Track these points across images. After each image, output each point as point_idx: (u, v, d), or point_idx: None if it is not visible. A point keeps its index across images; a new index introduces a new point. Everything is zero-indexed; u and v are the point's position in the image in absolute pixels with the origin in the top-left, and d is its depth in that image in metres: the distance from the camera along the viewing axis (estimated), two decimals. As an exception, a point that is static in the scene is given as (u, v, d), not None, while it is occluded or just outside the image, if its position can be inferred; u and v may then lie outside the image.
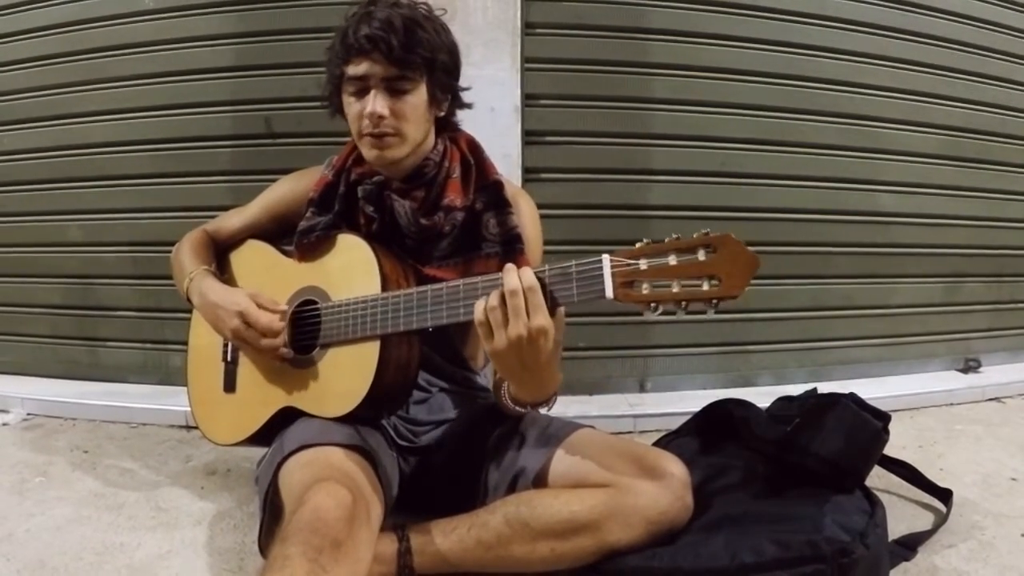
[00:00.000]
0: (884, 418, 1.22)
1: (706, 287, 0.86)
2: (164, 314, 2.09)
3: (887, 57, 2.16)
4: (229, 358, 1.28)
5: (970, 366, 2.31)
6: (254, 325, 1.14)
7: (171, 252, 1.36)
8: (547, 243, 1.32)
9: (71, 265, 2.18)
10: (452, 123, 1.26)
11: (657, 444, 1.38)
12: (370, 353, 1.08)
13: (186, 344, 1.39)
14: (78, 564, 1.16)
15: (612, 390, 2.06)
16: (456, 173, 1.21)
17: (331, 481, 0.94)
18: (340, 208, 1.21)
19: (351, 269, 1.14)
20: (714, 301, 0.86)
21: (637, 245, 0.90)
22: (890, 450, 1.31)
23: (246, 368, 1.25)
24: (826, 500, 1.10)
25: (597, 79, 1.98)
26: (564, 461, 1.11)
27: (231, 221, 1.36)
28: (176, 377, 1.98)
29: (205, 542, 1.25)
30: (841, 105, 2.13)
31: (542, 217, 1.29)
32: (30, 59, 2.18)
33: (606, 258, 0.90)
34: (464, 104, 1.25)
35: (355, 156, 1.22)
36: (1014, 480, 1.51)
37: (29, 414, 1.99)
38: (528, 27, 1.91)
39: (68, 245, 2.18)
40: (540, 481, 1.10)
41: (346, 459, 1.03)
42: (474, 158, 1.23)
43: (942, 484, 1.38)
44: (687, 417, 1.46)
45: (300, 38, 1.96)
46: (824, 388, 1.45)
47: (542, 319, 0.92)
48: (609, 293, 0.90)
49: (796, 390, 1.49)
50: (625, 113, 2.00)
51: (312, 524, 0.87)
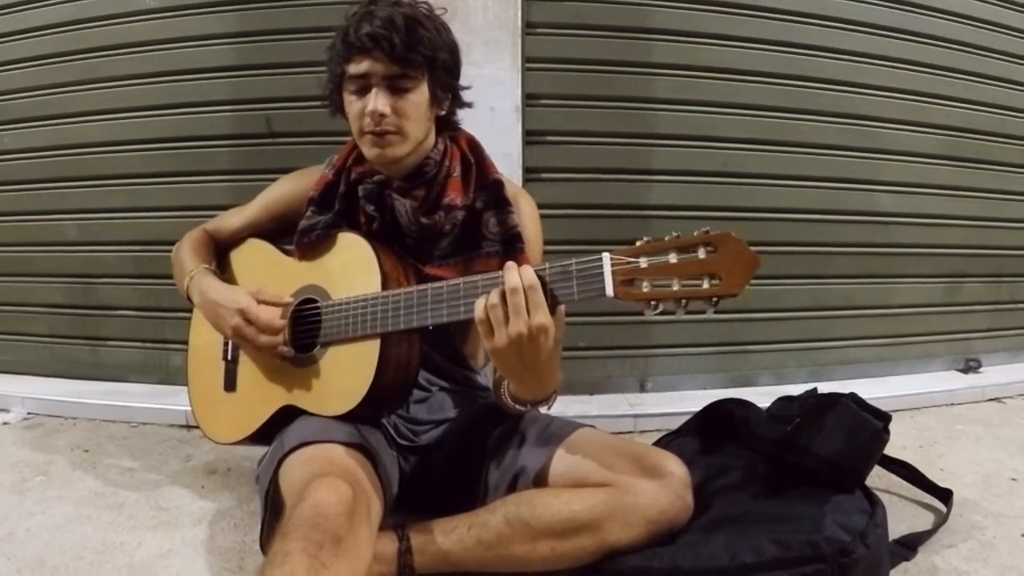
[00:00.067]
0: (884, 418, 1.21)
1: (706, 285, 0.86)
2: (164, 313, 2.09)
3: (887, 57, 2.16)
4: (229, 357, 1.28)
5: (970, 366, 2.31)
6: (255, 322, 1.14)
7: (171, 251, 1.36)
8: (548, 243, 1.32)
9: (71, 264, 2.18)
10: (452, 122, 1.26)
11: (657, 444, 1.38)
12: (370, 352, 1.08)
13: (186, 343, 1.39)
14: (78, 563, 1.16)
15: (612, 390, 2.06)
16: (456, 172, 1.21)
17: (332, 476, 0.94)
18: (340, 207, 1.21)
19: (351, 268, 1.14)
20: (714, 299, 0.86)
21: (637, 243, 0.90)
22: (890, 450, 1.31)
23: (246, 367, 1.25)
24: (826, 500, 1.09)
25: (598, 79, 1.97)
26: (564, 461, 1.11)
27: (231, 220, 1.36)
28: (176, 376, 1.98)
29: (205, 541, 1.25)
30: (841, 105, 2.13)
31: (543, 217, 1.29)
32: (29, 58, 2.17)
33: (606, 256, 0.90)
34: (464, 103, 1.25)
35: (355, 155, 1.22)
36: (1014, 480, 1.51)
37: (29, 413, 1.98)
38: (529, 26, 1.91)
39: (68, 244, 2.18)
40: (540, 480, 1.10)
41: (347, 456, 1.03)
42: (474, 157, 1.23)
43: (942, 484, 1.38)
44: (687, 417, 1.46)
45: (300, 37, 1.95)
46: (824, 388, 1.44)
47: (542, 317, 0.92)
48: (609, 291, 0.90)
49: (796, 390, 1.48)
50: (626, 113, 1.99)
51: (312, 519, 0.87)
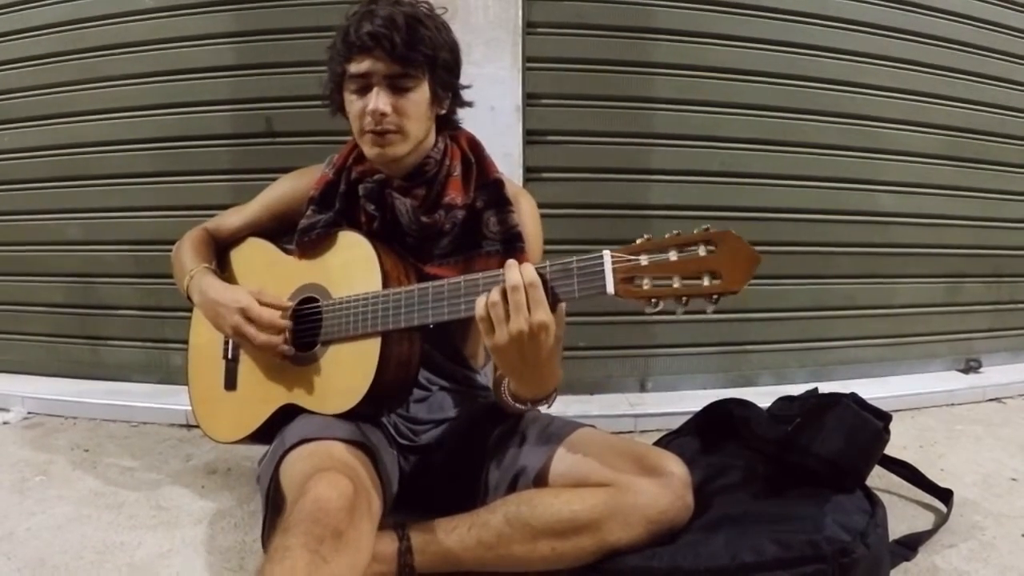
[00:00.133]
0: (885, 418, 1.21)
1: (707, 283, 0.86)
2: (165, 313, 2.09)
3: (888, 57, 2.16)
4: (230, 356, 1.28)
5: (971, 366, 2.31)
6: (257, 321, 1.14)
7: (171, 251, 1.36)
8: (548, 243, 1.32)
9: (72, 264, 2.18)
10: (453, 121, 1.26)
11: (658, 444, 1.38)
12: (371, 350, 1.08)
13: (187, 343, 1.39)
14: (79, 563, 1.16)
15: (613, 389, 2.05)
16: (457, 171, 1.21)
17: (332, 471, 0.94)
18: (341, 206, 1.21)
19: (352, 266, 1.14)
20: (714, 297, 0.86)
21: (638, 241, 0.90)
22: (891, 450, 1.31)
23: (247, 366, 1.25)
24: (827, 500, 1.09)
25: (598, 79, 1.97)
26: (565, 460, 1.10)
27: (231, 219, 1.36)
28: (177, 376, 1.98)
29: (206, 541, 1.25)
30: (842, 105, 2.13)
31: (543, 217, 1.29)
32: (28, 58, 2.17)
33: (607, 254, 0.90)
34: (465, 102, 1.25)
35: (356, 154, 1.22)
36: (1014, 480, 1.51)
37: (30, 413, 1.98)
38: (529, 26, 1.91)
39: (69, 244, 2.18)
40: (541, 480, 1.10)
41: (347, 453, 1.03)
42: (475, 156, 1.23)
43: (943, 484, 1.38)
44: (688, 417, 1.45)
45: (300, 37, 1.95)
46: (825, 388, 1.44)
47: (543, 314, 0.92)
48: (610, 289, 0.90)
49: (797, 390, 1.48)
50: (626, 113, 1.99)
51: (313, 514, 0.87)
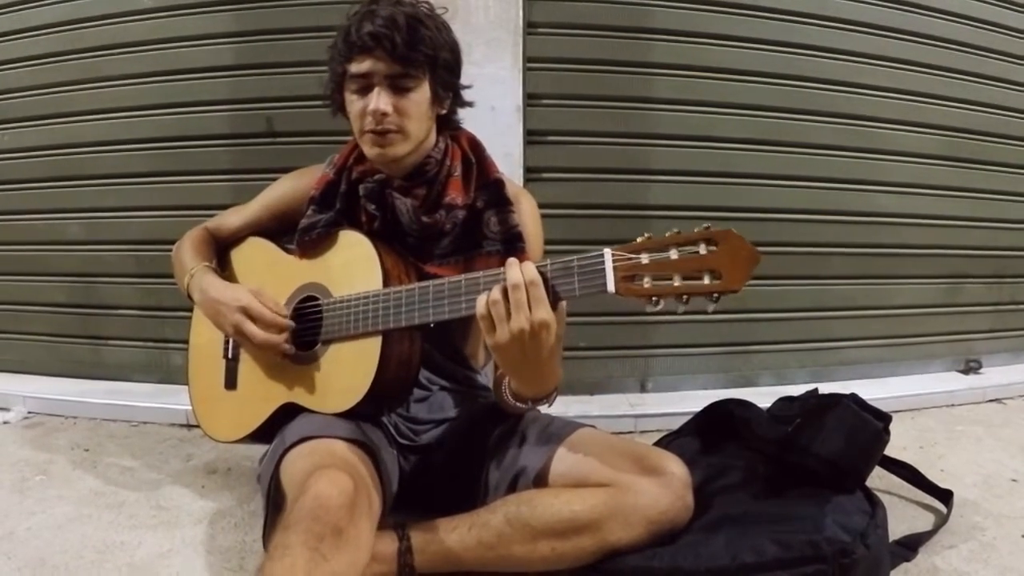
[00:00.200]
0: (885, 419, 1.21)
1: (707, 281, 0.86)
2: (165, 313, 2.09)
3: (886, 57, 2.16)
4: (230, 355, 1.28)
5: (971, 367, 2.31)
6: (259, 319, 1.14)
7: (172, 251, 1.36)
8: (548, 243, 1.32)
9: (72, 264, 2.18)
10: (453, 121, 1.26)
11: (658, 444, 1.38)
12: (372, 349, 1.08)
13: (187, 343, 1.39)
14: (79, 562, 1.16)
15: (613, 390, 2.05)
16: (457, 171, 1.21)
17: (333, 468, 0.94)
18: (341, 206, 1.21)
19: (353, 266, 1.14)
20: (715, 295, 0.86)
21: (638, 239, 0.90)
22: (891, 451, 1.31)
23: (247, 365, 1.25)
24: (827, 500, 1.09)
25: (599, 79, 1.97)
26: (565, 460, 1.10)
27: (232, 219, 1.36)
28: (177, 376, 1.98)
29: (206, 541, 1.25)
30: (840, 105, 2.12)
31: (543, 217, 1.30)
32: (27, 58, 2.17)
33: (608, 252, 0.90)
34: (465, 102, 1.25)
35: (356, 154, 1.22)
36: (1015, 481, 1.51)
37: (30, 412, 1.98)
38: (530, 26, 1.91)
39: (69, 244, 2.18)
40: (541, 480, 1.10)
41: (348, 451, 1.03)
42: (475, 156, 1.23)
43: (943, 485, 1.38)
44: (688, 417, 1.45)
45: (301, 37, 1.95)
46: (825, 388, 1.44)
47: (544, 313, 0.92)
48: (611, 287, 0.90)
49: (797, 390, 1.48)
50: (627, 113, 1.99)
51: (314, 512, 0.87)
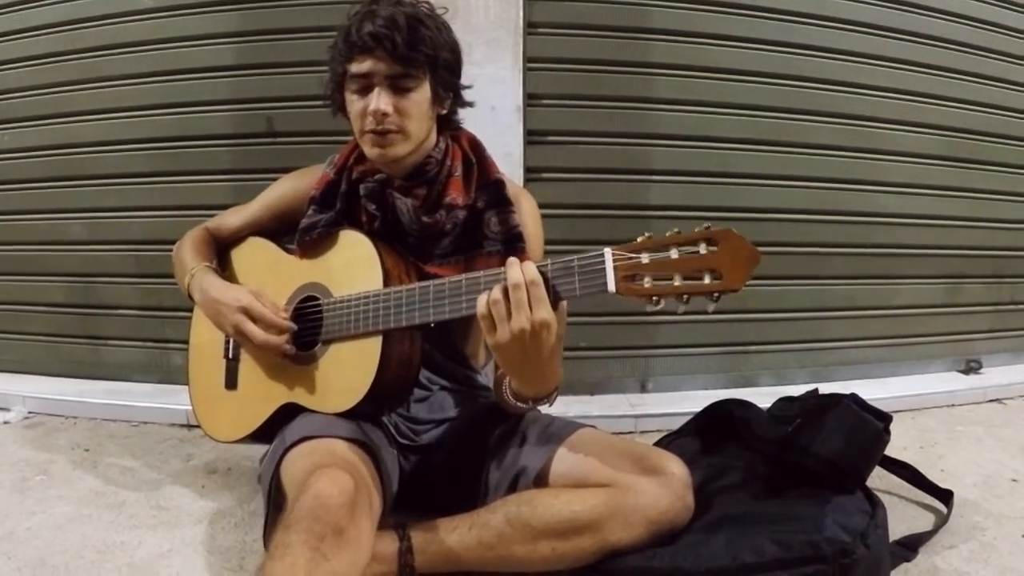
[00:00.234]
0: (885, 419, 1.21)
1: (708, 281, 0.86)
2: (165, 313, 2.09)
3: (885, 57, 2.16)
4: (230, 355, 1.28)
5: (971, 367, 2.31)
6: (260, 319, 1.14)
7: (172, 251, 1.36)
8: (548, 243, 1.32)
9: (72, 263, 2.18)
10: (454, 121, 1.26)
11: (658, 444, 1.38)
12: (372, 349, 1.08)
13: (187, 343, 1.39)
14: (79, 562, 1.16)
15: (613, 390, 2.05)
16: (458, 171, 1.21)
17: (334, 468, 0.94)
18: (342, 206, 1.21)
19: (353, 265, 1.14)
20: (715, 295, 0.86)
21: (639, 239, 0.90)
22: (891, 451, 1.31)
23: (247, 365, 1.25)
24: (827, 500, 1.10)
25: (599, 79, 1.97)
26: (565, 460, 1.10)
27: (232, 219, 1.36)
28: (177, 376, 1.98)
29: (206, 541, 1.25)
30: (840, 105, 2.12)
31: (544, 217, 1.30)
32: (27, 58, 2.17)
33: (608, 252, 0.91)
34: (466, 102, 1.25)
35: (357, 154, 1.22)
36: (1015, 481, 1.51)
37: (30, 412, 1.98)
38: (530, 26, 1.91)
39: (69, 244, 2.18)
40: (541, 480, 1.10)
41: (348, 450, 1.03)
42: (476, 157, 1.23)
43: (943, 485, 1.38)
44: (688, 417, 1.45)
45: (301, 37, 1.95)
46: (825, 389, 1.44)
47: (545, 312, 0.92)
48: (611, 286, 0.90)
49: (797, 391, 1.48)
50: (627, 113, 1.99)
51: (314, 511, 0.87)
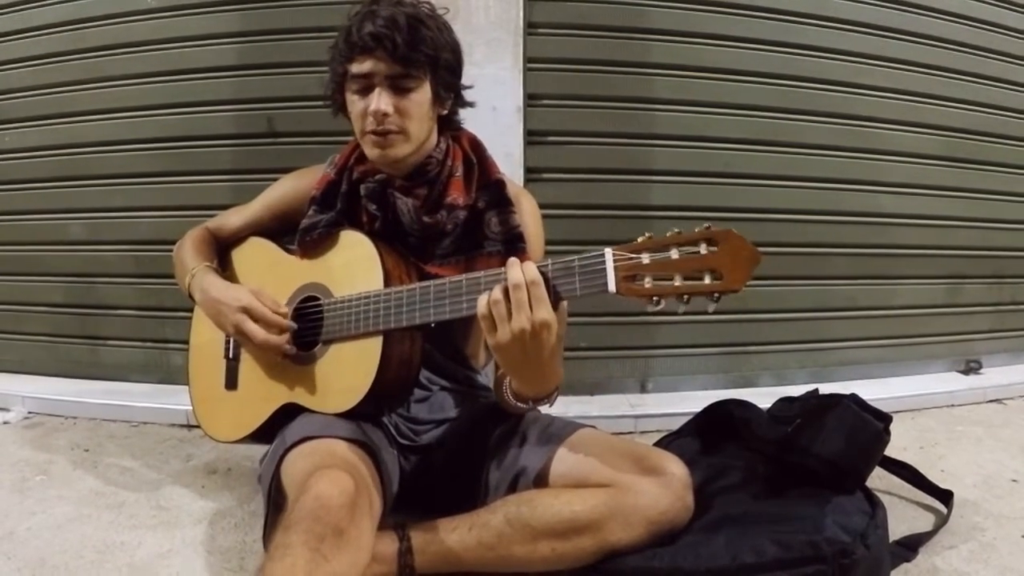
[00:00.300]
0: (885, 419, 1.21)
1: (708, 281, 0.86)
2: (165, 313, 2.09)
3: (884, 57, 2.16)
4: (231, 355, 1.28)
5: (971, 367, 2.31)
6: (260, 319, 1.14)
7: (172, 251, 1.36)
8: (549, 243, 1.32)
9: (72, 264, 2.18)
10: (454, 122, 1.26)
11: (658, 444, 1.38)
12: (373, 349, 1.08)
13: (187, 343, 1.39)
14: (79, 562, 1.16)
15: (613, 390, 2.05)
16: (459, 172, 1.21)
17: (334, 469, 0.94)
18: (343, 206, 1.21)
19: (354, 266, 1.14)
20: (716, 295, 0.86)
21: (639, 239, 0.90)
22: (891, 451, 1.31)
23: (248, 365, 1.25)
24: (827, 501, 1.10)
25: (599, 79, 1.97)
26: (565, 461, 1.10)
27: (233, 219, 1.36)
28: (177, 376, 1.98)
29: (206, 541, 1.25)
30: (840, 105, 2.12)
31: (544, 217, 1.30)
32: (29, 58, 2.17)
33: (608, 252, 0.91)
34: (466, 103, 1.25)
35: (357, 154, 1.22)
36: (1015, 481, 1.51)
37: (30, 412, 1.98)
38: (530, 27, 1.91)
39: (69, 244, 2.18)
40: (541, 481, 1.10)
41: (348, 451, 1.03)
42: (476, 157, 1.23)
43: (943, 485, 1.38)
44: (688, 417, 1.46)
45: (302, 37, 1.95)
46: (825, 389, 1.44)
47: (545, 313, 0.92)
48: (611, 287, 0.90)
49: (797, 391, 1.48)
50: (627, 113, 1.99)
51: (314, 512, 0.87)
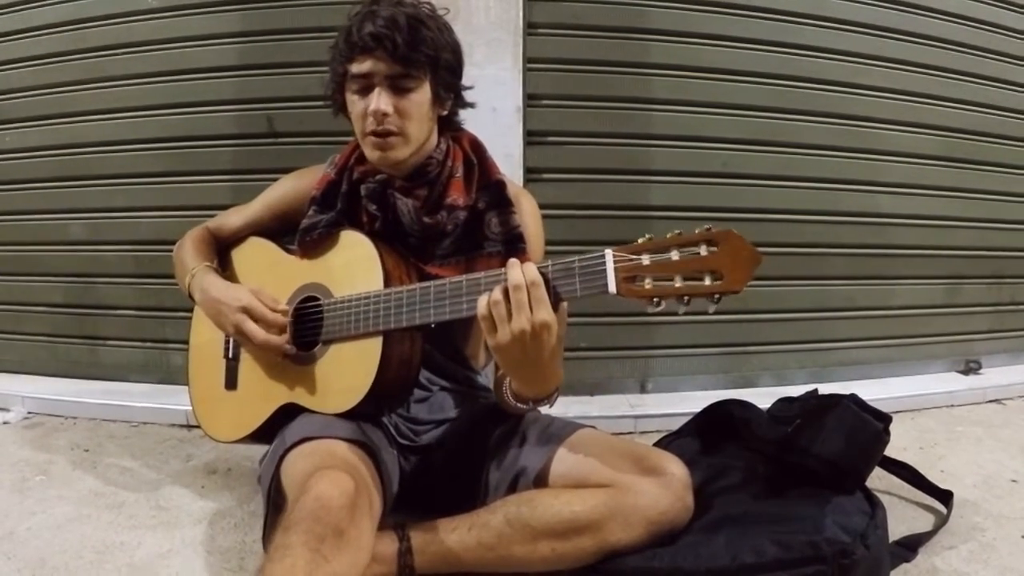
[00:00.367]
0: (885, 419, 1.21)
1: (708, 282, 0.86)
2: (165, 313, 2.09)
3: (882, 57, 2.16)
4: (230, 355, 1.28)
5: (971, 368, 2.31)
6: (260, 319, 1.14)
7: (172, 251, 1.36)
8: (548, 243, 1.32)
9: (72, 264, 2.18)
10: (455, 122, 1.26)
11: (658, 445, 1.38)
12: (373, 349, 1.08)
13: (187, 343, 1.39)
14: (79, 563, 1.16)
15: (613, 390, 2.05)
16: (459, 172, 1.21)
17: (334, 469, 0.94)
18: (343, 206, 1.21)
19: (354, 266, 1.14)
20: (716, 296, 0.86)
21: (640, 240, 0.90)
22: (891, 451, 1.31)
23: (247, 365, 1.25)
24: (827, 501, 1.10)
25: (598, 79, 1.97)
26: (565, 461, 1.10)
27: (233, 219, 1.36)
28: (177, 376, 1.98)
29: (205, 541, 1.25)
30: (839, 106, 2.12)
31: (543, 217, 1.30)
32: (30, 58, 2.17)
33: (609, 253, 0.91)
34: (467, 103, 1.25)
35: (358, 155, 1.22)
36: (1014, 482, 1.51)
37: (30, 413, 1.98)
38: (530, 27, 1.91)
39: (69, 244, 2.18)
40: (541, 481, 1.10)
41: (348, 451, 1.04)
42: (477, 158, 1.23)
43: (943, 485, 1.38)
44: (688, 418, 1.45)
45: (303, 37, 1.95)
46: (825, 389, 1.44)
47: (545, 314, 0.92)
48: (612, 288, 0.90)
49: (797, 391, 1.48)
50: (626, 113, 1.99)
51: (315, 512, 0.87)
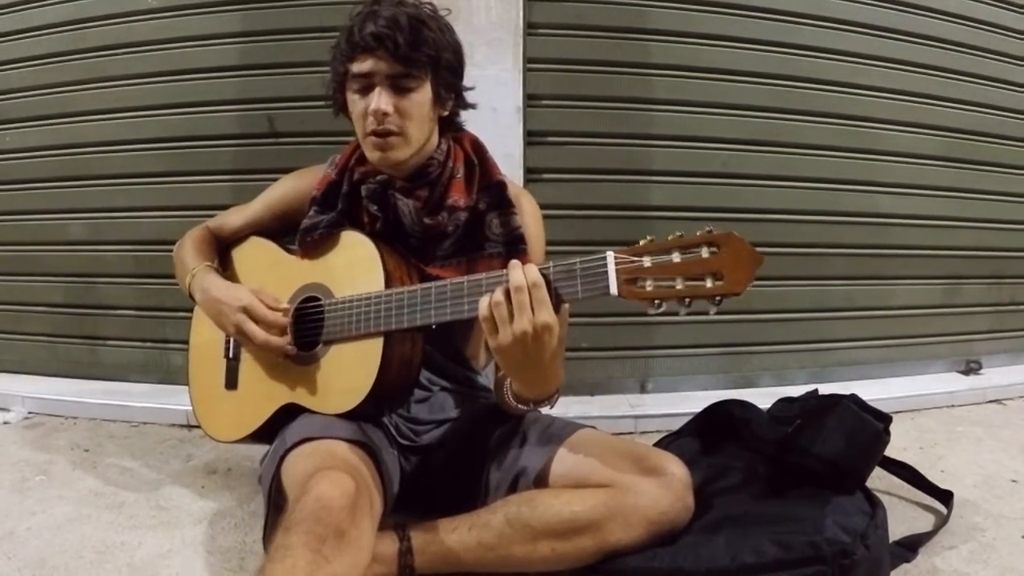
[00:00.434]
0: (885, 419, 1.21)
1: (709, 284, 0.86)
2: (165, 313, 2.09)
3: (882, 57, 2.16)
4: (231, 355, 1.28)
5: (971, 368, 2.31)
6: (260, 319, 1.14)
7: (172, 251, 1.36)
8: (549, 243, 1.32)
9: (72, 264, 2.18)
10: (456, 123, 1.26)
11: (658, 445, 1.38)
12: (373, 350, 1.08)
13: (187, 343, 1.39)
14: (79, 563, 1.16)
15: (613, 390, 2.05)
16: (460, 173, 1.21)
17: (335, 470, 0.94)
18: (343, 207, 1.21)
19: (355, 266, 1.14)
20: (717, 298, 0.86)
21: (641, 242, 0.90)
22: (891, 451, 1.31)
23: (248, 365, 1.25)
24: (827, 501, 1.10)
25: (598, 80, 1.97)
26: (565, 461, 1.11)
27: (233, 219, 1.36)
28: (177, 376, 1.98)
29: (206, 541, 1.25)
30: (839, 106, 2.12)
31: (543, 217, 1.29)
32: (30, 58, 2.17)
33: (610, 255, 0.91)
34: (468, 104, 1.25)
35: (358, 155, 1.22)
36: (1014, 482, 1.51)
37: (30, 413, 1.98)
38: (530, 27, 1.91)
39: (69, 244, 2.18)
40: (541, 481, 1.10)
41: (349, 452, 1.04)
42: (478, 158, 1.23)
43: (943, 486, 1.38)
44: (688, 418, 1.46)
45: (303, 37, 1.95)
46: (825, 389, 1.44)
47: (547, 315, 0.92)
48: (613, 290, 0.90)
49: (797, 391, 1.48)
50: (626, 114, 1.99)
51: (316, 513, 0.87)
